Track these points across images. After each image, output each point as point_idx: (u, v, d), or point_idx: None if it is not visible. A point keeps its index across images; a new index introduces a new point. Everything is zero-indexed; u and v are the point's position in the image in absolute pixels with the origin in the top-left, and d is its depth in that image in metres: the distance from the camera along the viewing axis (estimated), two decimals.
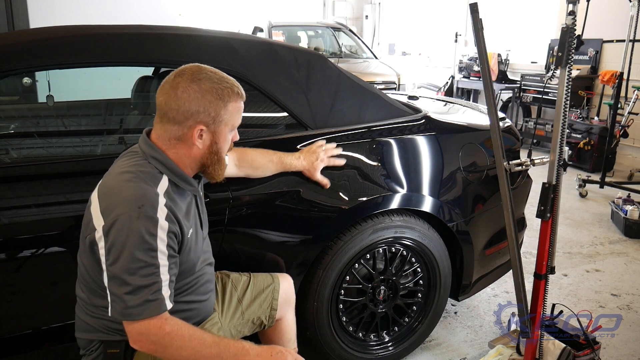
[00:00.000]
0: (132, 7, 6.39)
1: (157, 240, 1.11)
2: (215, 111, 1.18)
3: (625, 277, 2.99)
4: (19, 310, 1.49)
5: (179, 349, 1.12)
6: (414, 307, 2.07)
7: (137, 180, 1.14)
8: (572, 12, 1.53)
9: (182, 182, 1.23)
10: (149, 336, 1.11)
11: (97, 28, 1.67)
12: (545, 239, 1.70)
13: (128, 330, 1.12)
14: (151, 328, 1.11)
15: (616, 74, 4.59)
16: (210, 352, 1.14)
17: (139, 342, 1.12)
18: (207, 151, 1.22)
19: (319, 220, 1.76)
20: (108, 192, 1.15)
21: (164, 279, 1.13)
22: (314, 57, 1.89)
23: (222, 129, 1.22)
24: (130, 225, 1.08)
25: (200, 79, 1.17)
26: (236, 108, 1.23)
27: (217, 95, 1.18)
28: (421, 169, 1.95)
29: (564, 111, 1.59)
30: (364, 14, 10.96)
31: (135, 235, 1.08)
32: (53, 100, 2.08)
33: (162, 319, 1.13)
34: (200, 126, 1.18)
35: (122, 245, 1.08)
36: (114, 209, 1.10)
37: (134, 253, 1.08)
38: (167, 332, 1.12)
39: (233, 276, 1.57)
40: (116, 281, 1.09)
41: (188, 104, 1.16)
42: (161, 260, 1.12)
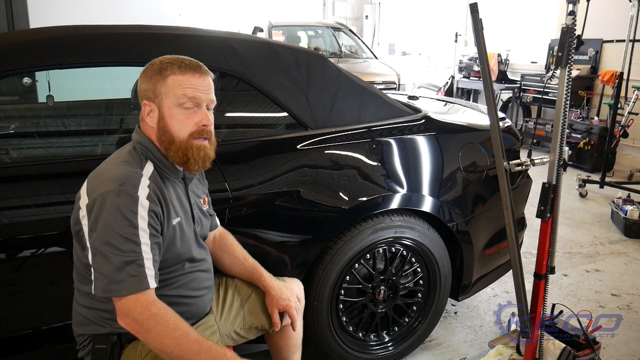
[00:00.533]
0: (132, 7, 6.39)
1: (137, 217, 1.13)
2: (154, 84, 1.23)
3: (625, 277, 2.99)
4: (19, 310, 1.49)
5: (160, 335, 1.12)
6: (414, 307, 2.07)
7: (123, 164, 1.20)
8: (572, 12, 1.53)
9: (164, 168, 1.26)
10: (135, 314, 1.11)
11: (97, 28, 1.67)
12: (545, 239, 1.70)
13: (117, 307, 1.13)
14: (138, 306, 1.11)
15: (616, 74, 4.59)
16: (190, 348, 1.13)
17: (125, 318, 1.13)
18: (157, 128, 1.24)
19: (319, 220, 1.76)
20: (96, 174, 1.21)
21: (146, 257, 1.14)
22: (314, 57, 1.89)
23: (164, 102, 1.22)
24: (111, 201, 1.11)
25: (153, 62, 1.25)
26: (176, 80, 1.21)
27: (157, 70, 1.23)
28: (421, 169, 1.95)
29: (564, 111, 1.59)
30: (364, 14, 10.96)
31: (115, 211, 1.11)
32: (53, 100, 2.08)
33: (149, 298, 1.13)
34: (144, 101, 1.25)
35: (104, 222, 1.11)
36: (97, 189, 1.15)
37: (115, 229, 1.10)
38: (153, 314, 1.12)
39: (237, 280, 1.54)
40: (98, 257, 1.11)
41: (140, 84, 1.25)
42: (142, 238, 1.13)
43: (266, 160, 1.72)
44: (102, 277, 1.11)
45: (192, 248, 1.34)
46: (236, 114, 1.81)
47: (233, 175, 1.64)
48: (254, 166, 1.70)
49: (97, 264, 1.12)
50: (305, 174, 1.74)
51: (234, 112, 1.79)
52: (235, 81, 1.72)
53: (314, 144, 1.78)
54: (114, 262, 1.10)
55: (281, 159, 1.73)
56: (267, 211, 1.69)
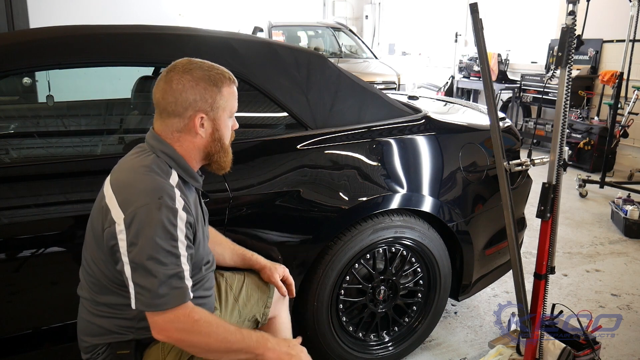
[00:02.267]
0: (132, 7, 6.39)
1: (177, 230, 1.12)
2: (212, 97, 1.20)
3: (625, 277, 2.99)
4: (19, 310, 1.49)
5: (207, 336, 1.13)
6: (414, 307, 2.07)
7: (151, 174, 1.16)
8: (572, 12, 1.53)
9: (189, 177, 1.25)
10: (178, 324, 1.11)
11: (97, 28, 1.67)
12: (545, 239, 1.70)
13: (154, 320, 1.11)
14: (180, 316, 1.11)
15: (616, 74, 4.59)
16: (235, 338, 1.16)
17: (166, 331, 1.12)
18: (211, 139, 1.24)
19: (319, 220, 1.76)
20: (124, 185, 1.16)
21: (185, 268, 1.14)
22: (314, 57, 1.89)
23: (221, 114, 1.23)
24: (153, 215, 1.09)
25: (191, 69, 1.20)
26: (230, 92, 1.25)
27: (211, 81, 1.20)
28: (421, 169, 1.95)
29: (564, 111, 1.59)
30: (364, 14, 10.96)
31: (158, 225, 1.09)
32: (53, 100, 2.08)
33: (189, 307, 1.14)
34: (200, 114, 1.20)
35: (146, 236, 1.09)
36: (133, 201, 1.11)
37: (158, 242, 1.09)
38: (196, 320, 1.13)
39: (227, 275, 1.57)
40: (141, 272, 1.09)
41: (185, 94, 1.18)
42: (181, 250, 1.13)
43: (266, 160, 1.72)
44: (145, 292, 1.09)
45: (209, 251, 1.36)
46: (236, 114, 1.80)
47: (233, 175, 1.64)
48: (254, 166, 1.70)
49: (139, 279, 1.09)
50: (305, 174, 1.74)
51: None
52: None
53: (314, 144, 1.78)
54: (158, 276, 1.09)
55: (281, 159, 1.73)
56: (267, 211, 1.69)
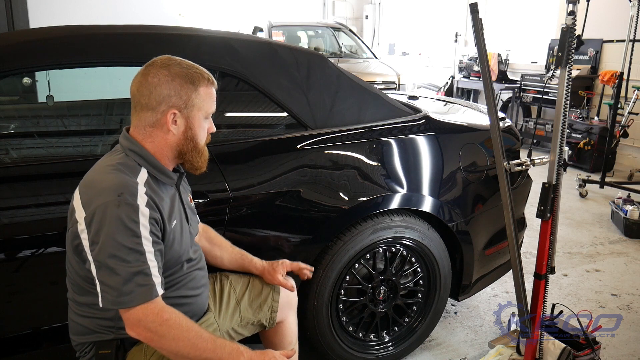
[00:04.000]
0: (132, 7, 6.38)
1: (139, 226, 1.11)
2: (187, 94, 1.20)
3: (625, 277, 2.99)
4: (19, 310, 1.49)
5: (175, 339, 1.11)
6: (414, 307, 2.07)
7: (116, 172, 1.16)
8: (572, 12, 1.53)
9: (160, 174, 1.24)
10: (147, 323, 1.10)
11: (97, 28, 1.67)
12: (545, 239, 1.70)
13: (125, 317, 1.12)
14: (149, 314, 1.11)
15: (616, 74, 4.59)
16: (205, 346, 1.14)
17: (136, 329, 1.11)
18: (183, 137, 1.23)
19: (319, 220, 1.76)
20: (88, 184, 1.16)
21: (152, 265, 1.13)
22: (314, 57, 1.89)
23: (195, 113, 1.22)
24: (111, 213, 1.09)
25: (169, 65, 1.20)
26: (208, 93, 1.24)
27: (188, 78, 1.20)
28: (421, 169, 1.95)
29: (564, 111, 1.59)
30: (364, 14, 10.96)
31: (117, 222, 1.09)
32: (53, 100, 2.08)
33: (159, 306, 1.13)
34: (172, 110, 1.19)
35: (106, 234, 1.08)
36: (94, 200, 1.11)
37: (119, 240, 1.08)
38: (165, 319, 1.12)
39: (232, 277, 1.57)
40: (104, 270, 1.09)
41: (159, 88, 1.18)
42: (146, 246, 1.12)
43: (266, 160, 1.72)
44: (110, 290, 1.09)
45: (189, 248, 1.34)
46: (236, 114, 1.81)
47: (233, 175, 1.64)
48: (254, 166, 1.70)
49: (104, 277, 1.10)
50: (305, 174, 1.74)
51: (234, 112, 1.79)
52: (235, 81, 1.72)
53: (314, 144, 1.78)
54: (121, 274, 1.08)
55: (281, 159, 1.73)
56: (267, 211, 1.69)
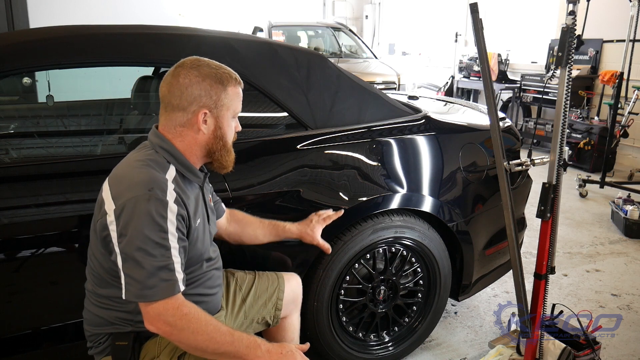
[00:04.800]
0: (132, 7, 6.38)
1: (167, 222, 1.13)
2: (217, 94, 1.23)
3: (625, 277, 2.99)
4: (19, 310, 1.49)
5: (194, 333, 1.13)
6: (414, 307, 2.07)
7: (146, 167, 1.17)
8: (572, 12, 1.53)
9: (188, 173, 1.26)
10: (167, 317, 1.12)
11: (97, 28, 1.67)
12: (545, 239, 1.70)
13: (145, 311, 1.13)
14: (169, 308, 1.12)
15: (616, 74, 4.59)
16: (224, 340, 1.15)
17: (156, 322, 1.13)
18: (212, 136, 1.26)
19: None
20: (119, 178, 1.18)
21: (176, 261, 1.15)
22: (314, 57, 1.89)
23: (225, 113, 1.25)
24: (141, 207, 1.10)
25: (199, 66, 1.23)
26: (235, 92, 1.27)
27: (217, 79, 1.22)
28: (421, 169, 1.95)
29: (564, 111, 1.59)
30: (364, 14, 10.96)
31: (146, 216, 1.10)
32: (53, 100, 2.08)
33: (179, 300, 1.14)
34: (203, 110, 1.22)
35: (135, 227, 1.10)
36: (124, 193, 1.13)
37: (146, 234, 1.10)
38: (185, 314, 1.13)
39: (238, 275, 1.58)
40: (130, 263, 1.11)
41: (190, 89, 1.20)
42: (172, 242, 1.14)
43: (266, 160, 1.72)
44: (134, 283, 1.11)
45: (209, 247, 1.37)
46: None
47: (233, 175, 1.64)
48: (254, 166, 1.70)
49: (129, 270, 1.11)
50: (305, 174, 1.74)
51: None
52: None
53: (314, 144, 1.78)
54: (147, 268, 1.10)
55: (281, 159, 1.73)
56: (267, 211, 1.69)
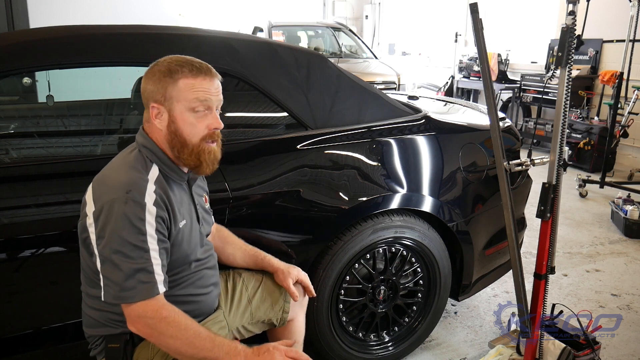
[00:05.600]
0: (132, 7, 6.38)
1: (145, 224, 1.13)
2: (164, 87, 1.19)
3: (625, 277, 2.99)
4: (19, 310, 1.49)
5: (173, 337, 1.13)
6: (414, 307, 2.07)
7: (127, 168, 1.18)
8: (572, 12, 1.53)
9: (169, 171, 1.25)
10: (146, 319, 1.13)
11: (97, 28, 1.67)
12: (545, 239, 1.70)
13: (127, 313, 1.14)
14: (148, 311, 1.12)
15: (616, 74, 4.59)
16: (203, 346, 1.14)
17: (136, 324, 1.14)
18: (167, 131, 1.22)
19: (319, 220, 1.76)
20: (101, 180, 1.19)
21: (155, 262, 1.14)
22: (314, 57, 1.89)
23: (175, 106, 1.20)
24: (118, 209, 1.11)
25: (157, 62, 1.22)
26: (188, 84, 1.19)
27: (166, 72, 1.19)
28: (421, 169, 1.95)
29: (564, 111, 1.59)
30: (364, 14, 10.96)
31: (123, 219, 1.11)
32: (53, 100, 2.08)
33: (159, 302, 1.14)
34: (152, 104, 1.21)
35: (112, 230, 1.11)
36: (103, 195, 1.14)
37: (124, 236, 1.11)
38: (164, 317, 1.13)
39: (245, 275, 1.56)
40: (108, 265, 1.12)
41: (145, 85, 1.21)
42: (151, 244, 1.14)
43: (266, 160, 1.72)
44: (112, 285, 1.11)
45: (198, 248, 1.35)
46: (236, 114, 1.80)
47: (233, 175, 1.64)
48: (254, 166, 1.70)
49: (107, 272, 1.12)
50: (305, 174, 1.74)
51: (233, 112, 1.79)
52: (235, 81, 1.72)
53: (314, 144, 1.78)
54: (124, 270, 1.11)
55: (281, 159, 1.73)
56: (267, 211, 1.69)
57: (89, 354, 1.33)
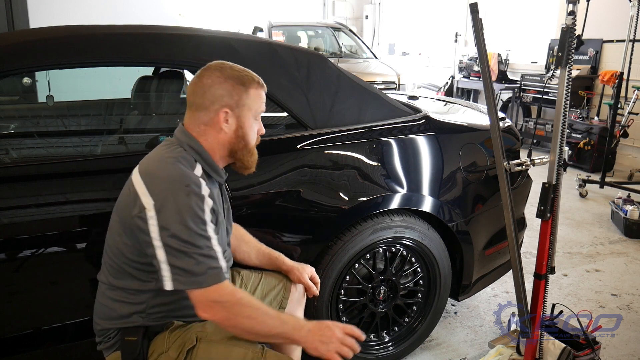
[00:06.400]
0: (132, 7, 6.38)
1: (205, 214, 1.18)
2: (238, 95, 1.27)
3: (625, 277, 2.99)
4: (19, 310, 1.49)
5: (249, 317, 1.18)
6: (414, 307, 2.07)
7: (178, 164, 1.21)
8: (572, 12, 1.53)
9: (212, 171, 1.30)
10: (223, 303, 1.17)
11: (97, 28, 1.67)
12: (545, 239, 1.70)
13: (199, 300, 1.17)
14: (223, 294, 1.17)
15: (616, 74, 4.59)
16: (273, 323, 1.20)
17: (210, 310, 1.17)
18: (234, 135, 1.30)
19: (319, 220, 1.76)
20: (153, 174, 1.21)
21: (217, 250, 1.20)
22: (314, 57, 1.89)
23: (246, 113, 1.29)
24: (182, 201, 1.15)
25: (223, 68, 1.29)
26: (257, 94, 1.31)
27: (239, 80, 1.28)
28: (421, 169, 1.95)
29: (564, 111, 1.59)
30: (364, 14, 10.96)
31: (188, 210, 1.15)
32: (53, 100, 2.08)
33: (230, 286, 1.20)
34: (225, 109, 1.27)
35: (177, 221, 1.14)
36: (163, 188, 1.17)
37: (190, 226, 1.15)
38: (239, 298, 1.18)
39: (244, 273, 1.58)
40: (176, 254, 1.14)
41: (213, 89, 1.26)
42: (211, 233, 1.19)
43: (266, 160, 1.72)
44: (183, 272, 1.14)
45: (226, 245, 1.40)
46: None
47: (233, 175, 1.64)
48: None
49: (175, 261, 1.15)
50: (305, 174, 1.74)
51: None
52: None
53: (314, 144, 1.78)
54: (194, 257, 1.15)
55: (281, 159, 1.73)
56: (267, 211, 1.69)
57: (88, 354, 1.33)
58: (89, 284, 1.54)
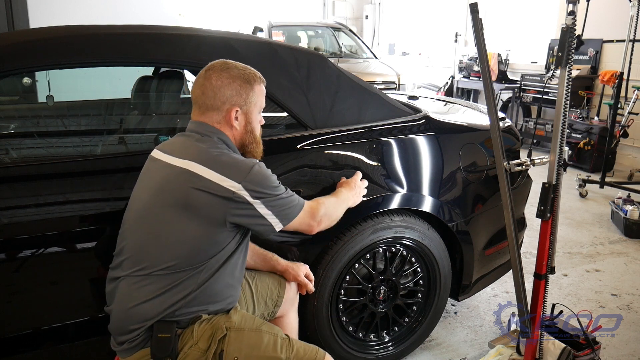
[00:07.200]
0: (132, 7, 6.37)
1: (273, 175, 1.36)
2: (245, 93, 1.38)
3: (625, 277, 2.99)
4: (19, 310, 1.49)
5: (336, 207, 1.55)
6: (414, 307, 2.07)
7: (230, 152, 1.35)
8: (572, 12, 1.53)
9: None
10: (325, 211, 1.47)
11: (97, 28, 1.67)
12: (545, 239, 1.70)
13: (313, 220, 1.44)
14: (320, 208, 1.46)
15: (616, 74, 4.59)
16: (341, 200, 1.59)
17: (322, 222, 1.47)
18: (244, 131, 1.41)
19: None
20: (218, 162, 1.29)
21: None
22: (314, 57, 1.89)
23: (252, 109, 1.41)
24: (259, 170, 1.31)
25: (228, 68, 1.37)
26: (260, 90, 1.42)
27: (245, 79, 1.38)
28: (421, 169, 1.95)
29: (564, 111, 1.59)
30: (364, 14, 10.96)
31: (266, 175, 1.32)
32: (53, 100, 2.08)
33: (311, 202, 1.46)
34: (235, 108, 1.37)
35: (266, 185, 1.31)
36: (241, 169, 1.29)
37: (275, 185, 1.34)
38: (322, 202, 1.48)
39: None
40: (277, 203, 1.33)
41: (223, 90, 1.35)
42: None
43: (266, 160, 1.71)
44: (286, 208, 1.35)
45: None
46: None
47: None
48: None
49: (278, 209, 1.33)
50: (305, 174, 1.74)
51: None
52: None
53: (314, 144, 1.78)
54: (287, 196, 1.36)
55: (281, 159, 1.73)
56: None
57: (88, 354, 1.32)
58: (89, 284, 1.54)
